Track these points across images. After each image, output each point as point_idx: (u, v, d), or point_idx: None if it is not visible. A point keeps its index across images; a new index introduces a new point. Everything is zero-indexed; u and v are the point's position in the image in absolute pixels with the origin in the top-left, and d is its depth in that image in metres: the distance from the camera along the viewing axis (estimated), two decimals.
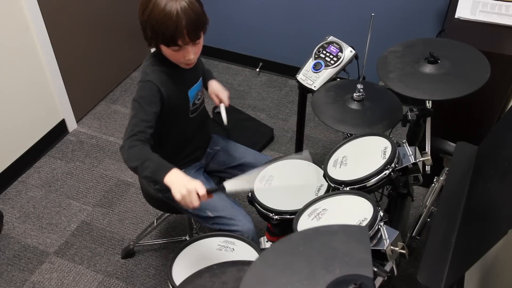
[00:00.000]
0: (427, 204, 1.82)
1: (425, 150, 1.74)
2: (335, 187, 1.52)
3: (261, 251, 1.52)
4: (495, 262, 1.51)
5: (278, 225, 1.61)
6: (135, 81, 1.83)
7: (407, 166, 1.51)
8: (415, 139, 1.86)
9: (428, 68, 1.64)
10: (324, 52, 2.05)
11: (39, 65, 2.66)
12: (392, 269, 1.27)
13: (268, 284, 0.96)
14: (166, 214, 2.35)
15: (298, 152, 1.65)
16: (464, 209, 1.31)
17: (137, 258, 2.31)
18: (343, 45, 2.04)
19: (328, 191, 1.63)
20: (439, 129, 1.90)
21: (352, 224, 1.31)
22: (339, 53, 2.03)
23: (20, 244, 2.37)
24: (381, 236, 1.30)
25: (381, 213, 1.32)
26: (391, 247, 1.27)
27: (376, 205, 1.35)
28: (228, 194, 1.39)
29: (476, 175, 1.39)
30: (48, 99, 2.79)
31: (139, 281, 2.21)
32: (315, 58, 2.05)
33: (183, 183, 1.40)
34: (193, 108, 1.76)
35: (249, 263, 1.37)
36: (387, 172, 1.46)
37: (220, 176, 1.97)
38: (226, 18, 3.31)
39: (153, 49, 1.64)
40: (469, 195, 1.34)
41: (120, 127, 3.01)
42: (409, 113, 1.80)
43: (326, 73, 2.01)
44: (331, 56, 2.03)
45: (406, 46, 1.77)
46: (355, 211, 1.37)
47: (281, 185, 1.71)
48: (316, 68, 2.03)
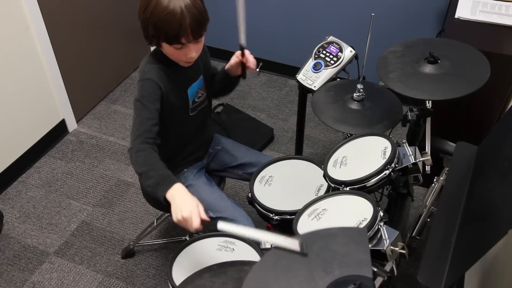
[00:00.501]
0: (427, 204, 1.82)
1: (425, 150, 1.74)
2: (335, 187, 1.52)
3: (261, 251, 1.52)
4: (495, 262, 1.51)
5: (278, 225, 1.61)
6: (135, 81, 1.84)
7: (407, 166, 1.51)
8: (415, 139, 1.86)
9: (428, 68, 1.64)
10: (324, 52, 2.05)
11: (39, 65, 2.66)
12: (392, 269, 1.27)
13: (268, 287, 0.96)
14: (166, 214, 2.35)
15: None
16: (464, 209, 1.31)
17: (137, 258, 2.31)
18: (343, 45, 2.04)
19: (328, 191, 1.63)
20: (439, 129, 1.90)
21: (352, 224, 1.31)
22: (339, 53, 2.03)
23: (20, 244, 2.37)
24: (381, 236, 1.30)
25: (381, 213, 1.32)
26: (391, 247, 1.27)
27: (376, 205, 1.35)
28: (219, 230, 1.38)
29: (476, 175, 1.39)
30: (48, 99, 2.79)
31: (139, 281, 2.21)
32: (315, 58, 2.05)
33: (181, 207, 1.38)
34: (192, 106, 1.75)
35: (249, 263, 1.37)
36: (387, 172, 1.46)
37: (221, 175, 1.97)
38: (226, 18, 3.30)
39: (152, 48, 1.64)
40: (469, 195, 1.34)
41: (120, 127, 3.01)
42: (409, 113, 1.80)
43: (326, 73, 2.01)
44: (331, 56, 2.03)
45: (406, 46, 1.77)
46: (355, 211, 1.37)
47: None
48: (316, 68, 2.03)
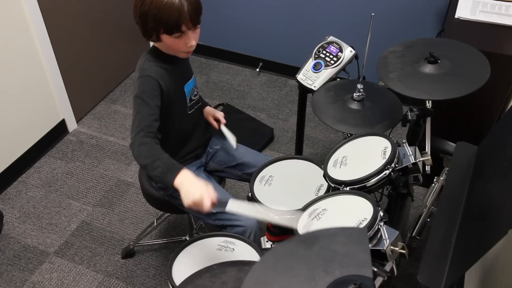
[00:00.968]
0: (427, 204, 1.82)
1: (425, 150, 1.74)
2: (335, 187, 1.52)
3: (261, 251, 1.52)
4: (495, 262, 1.51)
5: (278, 225, 1.61)
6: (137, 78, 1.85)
7: (407, 166, 1.51)
8: (415, 139, 1.86)
9: (428, 68, 1.64)
10: (324, 52, 2.05)
11: (39, 65, 2.66)
12: (392, 269, 1.27)
13: (268, 287, 0.96)
14: (166, 214, 2.35)
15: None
16: (464, 209, 1.31)
17: (137, 258, 2.31)
18: (343, 45, 2.04)
19: (328, 191, 1.63)
20: (439, 129, 1.90)
21: (352, 224, 1.31)
22: (339, 53, 2.03)
23: (20, 244, 2.37)
24: (381, 236, 1.30)
25: (381, 213, 1.32)
26: (391, 247, 1.27)
27: (376, 205, 1.35)
28: (228, 211, 1.39)
29: (476, 175, 1.39)
30: (48, 99, 2.79)
31: (139, 281, 2.21)
32: (315, 58, 2.05)
33: (191, 191, 1.40)
34: (190, 104, 1.77)
35: (249, 263, 1.37)
36: (387, 172, 1.46)
37: (220, 175, 1.97)
38: (226, 18, 3.31)
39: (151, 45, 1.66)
40: (469, 195, 1.34)
41: (120, 127, 3.01)
42: (409, 113, 1.80)
43: (326, 73, 2.01)
44: (331, 56, 2.03)
45: (406, 46, 1.77)
46: (355, 211, 1.37)
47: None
48: (316, 68, 2.03)
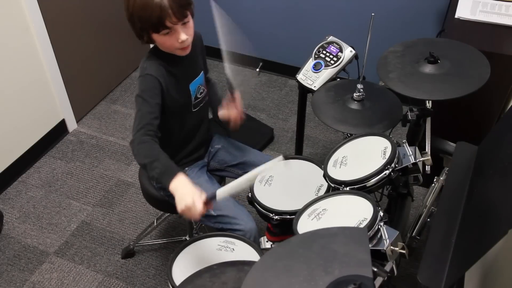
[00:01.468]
0: (427, 204, 1.81)
1: (425, 150, 1.74)
2: (335, 187, 1.52)
3: (261, 251, 1.52)
4: (495, 262, 1.51)
5: (278, 225, 1.61)
6: (135, 81, 1.85)
7: (407, 166, 1.51)
8: (415, 139, 1.86)
9: (428, 68, 1.64)
10: (324, 52, 2.05)
11: (39, 65, 2.66)
12: (392, 269, 1.27)
13: (268, 286, 0.96)
14: (166, 214, 2.35)
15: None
16: (464, 209, 1.31)
17: (137, 258, 2.31)
18: (343, 45, 2.04)
19: (328, 191, 1.63)
20: (439, 129, 1.90)
21: (352, 224, 1.31)
22: (339, 53, 2.02)
23: (20, 244, 2.37)
24: (381, 236, 1.30)
25: (381, 213, 1.32)
26: (391, 247, 1.27)
27: (376, 205, 1.35)
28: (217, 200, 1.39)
29: (476, 175, 1.39)
30: (48, 99, 2.79)
31: (139, 281, 2.21)
32: (315, 58, 2.05)
33: (184, 197, 1.40)
34: (195, 102, 1.77)
35: (249, 263, 1.37)
36: (387, 172, 1.46)
37: (221, 175, 1.97)
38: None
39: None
40: (469, 195, 1.34)
41: (120, 127, 3.01)
42: (409, 113, 1.80)
43: (326, 73, 2.01)
44: (331, 56, 2.03)
45: (406, 46, 1.77)
46: (355, 211, 1.37)
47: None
48: (316, 68, 2.03)
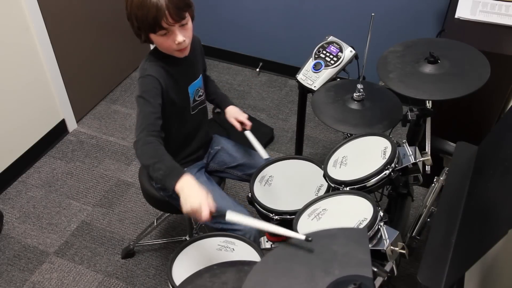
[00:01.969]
0: (427, 204, 1.81)
1: (425, 150, 1.74)
2: (335, 187, 1.52)
3: (261, 251, 1.52)
4: (495, 262, 1.51)
5: (278, 225, 1.61)
6: (135, 81, 1.86)
7: (407, 166, 1.51)
8: (415, 139, 1.86)
9: (428, 68, 1.64)
10: (324, 52, 2.05)
11: (39, 65, 2.66)
12: (392, 269, 1.27)
13: (268, 287, 0.96)
14: (166, 214, 2.35)
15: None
16: (464, 209, 1.31)
17: (137, 258, 2.31)
18: (343, 45, 2.04)
19: (328, 191, 1.63)
20: (439, 129, 1.90)
21: (352, 224, 1.31)
22: (339, 53, 2.02)
23: (20, 244, 2.37)
24: (381, 236, 1.30)
25: (381, 213, 1.32)
26: (391, 247, 1.27)
27: (376, 205, 1.35)
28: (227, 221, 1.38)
29: (476, 175, 1.39)
30: (48, 99, 2.79)
31: (139, 281, 2.21)
32: (315, 58, 2.05)
33: (190, 198, 1.37)
34: (193, 105, 1.77)
35: (249, 263, 1.37)
36: (387, 172, 1.46)
37: (221, 176, 1.97)
38: (226, 18, 3.31)
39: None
40: (469, 195, 1.34)
41: (120, 127, 3.01)
42: (409, 113, 1.80)
43: (326, 73, 2.01)
44: (331, 56, 2.03)
45: (406, 46, 1.77)
46: (355, 211, 1.37)
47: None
48: (316, 68, 2.03)
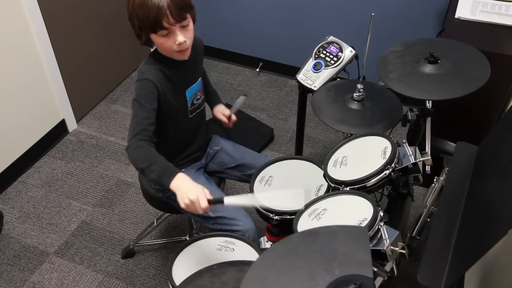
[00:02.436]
0: (427, 204, 1.82)
1: (425, 150, 1.74)
2: (335, 187, 1.52)
3: (261, 251, 1.52)
4: (495, 262, 1.51)
5: (278, 226, 1.61)
6: (135, 81, 1.87)
7: (407, 166, 1.51)
8: (415, 139, 1.86)
9: (428, 68, 1.64)
10: (324, 52, 2.05)
11: (39, 65, 2.66)
12: (392, 269, 1.27)
13: (268, 285, 0.96)
14: (166, 214, 2.35)
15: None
16: (464, 209, 1.31)
17: (137, 258, 2.31)
18: (343, 45, 2.04)
19: (328, 191, 1.63)
20: (439, 129, 1.90)
21: (352, 224, 1.31)
22: (339, 53, 2.02)
23: (20, 244, 2.37)
24: (381, 236, 1.30)
25: (381, 213, 1.32)
26: (391, 247, 1.27)
27: (376, 205, 1.35)
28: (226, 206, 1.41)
29: (476, 175, 1.39)
30: (48, 99, 2.79)
31: (139, 281, 2.21)
32: (315, 58, 2.05)
33: (187, 192, 1.41)
34: (191, 108, 1.76)
35: (249, 263, 1.37)
36: (387, 172, 1.46)
37: (220, 176, 1.97)
38: (226, 18, 3.31)
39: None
40: (469, 195, 1.34)
41: (120, 127, 3.01)
42: (409, 113, 1.80)
43: (326, 73, 2.01)
44: (331, 56, 2.03)
45: (406, 46, 1.77)
46: (355, 211, 1.37)
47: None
48: (316, 68, 2.03)
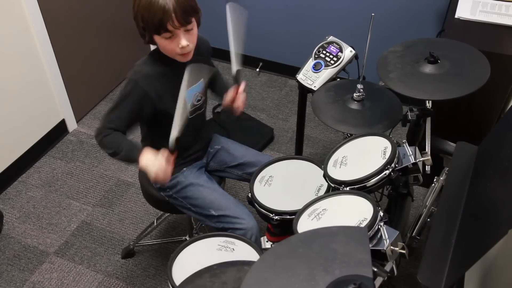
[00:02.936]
0: (427, 204, 1.82)
1: (425, 150, 1.74)
2: (335, 187, 1.52)
3: (261, 251, 1.52)
4: (495, 262, 1.51)
5: (278, 226, 1.61)
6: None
7: (407, 166, 1.51)
8: (415, 139, 1.86)
9: (428, 68, 1.64)
10: (324, 52, 2.05)
11: (39, 65, 2.66)
12: (392, 269, 1.27)
13: (268, 286, 0.96)
14: (166, 214, 2.35)
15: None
16: (464, 209, 1.31)
17: (137, 258, 2.31)
18: (343, 45, 2.04)
19: (328, 191, 1.63)
20: (439, 129, 1.90)
21: (352, 224, 1.31)
22: (339, 53, 2.03)
23: (20, 244, 2.37)
24: (381, 236, 1.30)
25: (381, 213, 1.32)
26: (391, 247, 1.27)
27: (376, 205, 1.35)
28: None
29: (476, 175, 1.39)
30: (48, 99, 2.79)
31: (139, 281, 2.21)
32: (315, 58, 2.05)
33: (150, 169, 1.53)
34: (192, 109, 1.75)
35: (249, 263, 1.37)
36: (387, 172, 1.46)
37: (220, 175, 1.97)
38: (226, 18, 3.30)
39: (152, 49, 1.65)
40: (469, 195, 1.34)
41: None
42: (409, 113, 1.80)
43: (326, 73, 2.01)
44: (331, 56, 2.03)
45: (406, 46, 1.77)
46: (355, 211, 1.37)
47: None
48: (316, 68, 2.03)
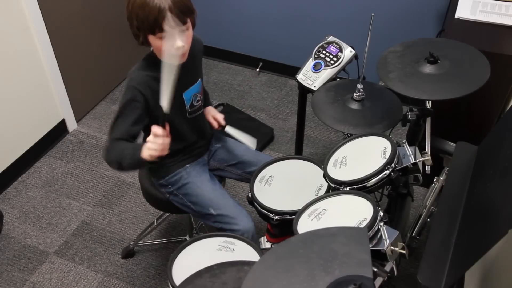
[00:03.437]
0: (427, 204, 1.82)
1: (425, 150, 1.74)
2: (335, 187, 1.52)
3: (261, 251, 1.52)
4: (495, 262, 1.51)
5: (278, 226, 1.61)
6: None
7: (407, 166, 1.51)
8: (415, 139, 1.86)
9: (428, 68, 1.64)
10: (324, 52, 2.05)
11: (39, 65, 2.66)
12: (392, 269, 1.27)
13: (268, 286, 0.96)
14: (166, 214, 2.35)
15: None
16: (464, 209, 1.31)
17: (137, 258, 2.31)
18: (343, 45, 2.04)
19: (328, 191, 1.63)
20: (439, 129, 1.90)
21: (352, 224, 1.31)
22: (339, 53, 2.03)
23: (20, 244, 2.37)
24: (381, 236, 1.30)
25: (381, 213, 1.32)
26: (391, 247, 1.27)
27: (376, 205, 1.35)
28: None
29: (476, 175, 1.39)
30: (48, 99, 2.79)
31: (139, 281, 2.21)
32: (315, 58, 2.05)
33: (154, 153, 1.50)
34: (191, 110, 1.76)
35: (249, 263, 1.37)
36: (387, 172, 1.46)
37: (221, 174, 1.97)
38: (226, 18, 3.31)
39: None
40: (469, 195, 1.34)
41: None
42: (409, 113, 1.80)
43: (326, 73, 2.01)
44: (331, 56, 2.03)
45: (406, 46, 1.77)
46: (355, 211, 1.37)
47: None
48: (316, 68, 2.03)
